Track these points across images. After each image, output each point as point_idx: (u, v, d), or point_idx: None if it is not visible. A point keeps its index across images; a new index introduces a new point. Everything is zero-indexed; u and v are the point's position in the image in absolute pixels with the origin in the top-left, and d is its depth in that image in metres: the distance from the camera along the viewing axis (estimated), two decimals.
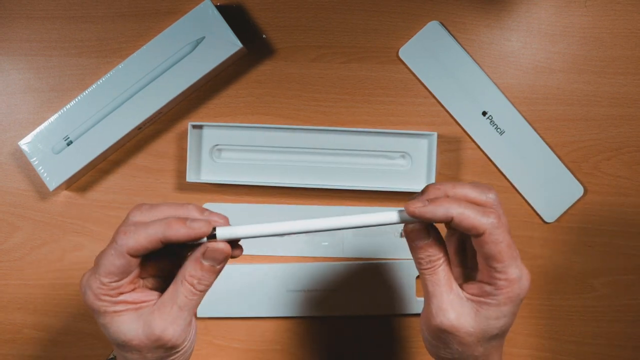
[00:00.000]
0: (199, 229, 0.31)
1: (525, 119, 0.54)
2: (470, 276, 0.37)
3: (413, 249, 0.34)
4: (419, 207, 0.32)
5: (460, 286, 0.34)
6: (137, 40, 0.53)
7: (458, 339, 0.33)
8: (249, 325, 0.54)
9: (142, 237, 0.31)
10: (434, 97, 0.54)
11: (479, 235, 0.32)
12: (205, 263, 0.32)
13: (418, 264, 0.34)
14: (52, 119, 0.51)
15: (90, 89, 0.51)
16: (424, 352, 0.54)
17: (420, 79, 0.54)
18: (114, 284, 0.31)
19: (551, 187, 0.54)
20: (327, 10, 0.54)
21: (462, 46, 0.54)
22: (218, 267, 0.32)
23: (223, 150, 0.53)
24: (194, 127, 0.52)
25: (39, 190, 0.54)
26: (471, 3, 0.54)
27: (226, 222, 0.33)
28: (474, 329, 0.33)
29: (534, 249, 0.55)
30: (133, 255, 0.31)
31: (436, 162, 0.52)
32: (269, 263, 0.54)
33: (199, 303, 0.33)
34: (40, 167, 0.51)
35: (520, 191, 0.54)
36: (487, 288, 0.33)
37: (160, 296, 0.33)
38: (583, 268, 0.55)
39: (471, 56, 0.54)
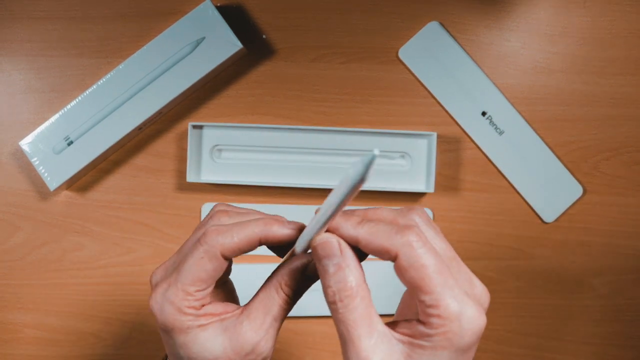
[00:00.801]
0: (295, 226, 0.28)
1: (525, 119, 0.54)
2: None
3: (321, 272, 0.27)
4: (287, 226, 0.28)
5: (395, 324, 0.27)
6: (137, 41, 0.53)
7: None
8: None
9: (241, 236, 0.27)
10: (433, 97, 0.54)
11: (392, 259, 0.25)
12: (307, 274, 0.29)
13: (325, 294, 0.27)
14: (52, 119, 0.51)
15: (90, 89, 0.51)
16: None
17: (420, 79, 0.54)
18: (200, 293, 0.27)
19: (550, 187, 0.54)
20: (327, 11, 0.54)
21: (461, 46, 0.54)
22: (316, 280, 0.29)
23: (223, 150, 0.54)
24: (194, 127, 0.52)
25: (40, 190, 0.54)
26: (471, 3, 0.54)
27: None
28: None
29: (533, 249, 0.55)
30: (227, 258, 0.28)
31: (436, 162, 0.52)
32: (269, 263, 0.54)
33: (288, 312, 0.30)
34: (41, 167, 0.51)
35: (520, 191, 0.54)
36: (420, 327, 0.25)
37: (237, 307, 0.29)
38: (582, 268, 0.55)
39: (471, 56, 0.54)
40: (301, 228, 0.28)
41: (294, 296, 0.29)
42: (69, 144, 0.51)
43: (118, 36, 0.54)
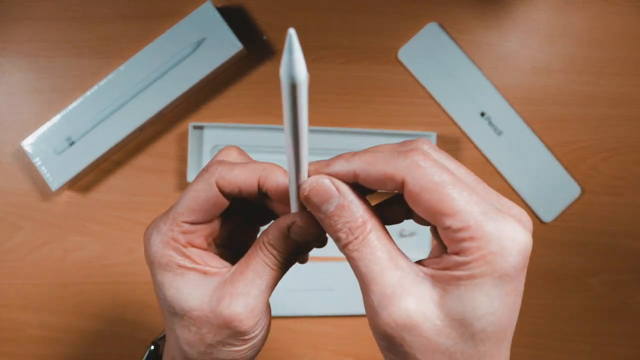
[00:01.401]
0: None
1: (523, 119, 0.54)
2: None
3: (324, 221, 0.23)
4: (313, 169, 0.24)
5: (420, 262, 0.23)
6: (138, 42, 0.53)
7: (420, 343, 0.21)
8: None
9: (240, 172, 0.25)
10: (432, 97, 0.55)
11: (399, 187, 0.22)
12: (290, 235, 0.25)
13: (337, 240, 0.23)
14: (54, 119, 0.51)
15: (92, 90, 0.51)
16: None
17: (419, 79, 0.54)
18: (188, 226, 0.25)
19: (549, 187, 0.54)
20: (326, 12, 0.54)
21: (460, 47, 0.54)
22: (307, 246, 0.26)
23: None
24: (195, 127, 0.52)
25: (42, 190, 0.54)
26: (470, 4, 0.54)
27: None
28: (442, 323, 0.21)
29: (532, 248, 0.55)
30: (223, 192, 0.25)
31: None
32: None
33: (276, 284, 0.26)
34: (43, 168, 0.51)
35: (518, 191, 0.55)
36: (453, 257, 0.21)
37: (229, 267, 0.26)
38: (580, 267, 0.55)
39: (470, 57, 0.54)
40: None
41: (282, 260, 0.25)
42: (70, 145, 0.51)
43: (119, 37, 0.54)
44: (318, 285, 0.54)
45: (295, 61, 0.17)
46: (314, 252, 0.56)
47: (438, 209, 0.21)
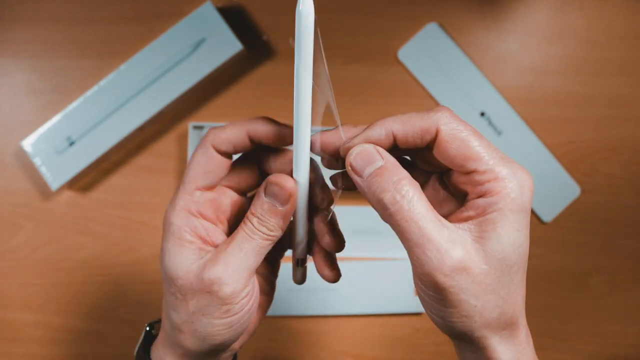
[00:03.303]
0: (287, 133, 0.27)
1: (523, 119, 0.54)
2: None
3: (368, 187, 0.25)
4: (349, 140, 0.26)
5: (449, 217, 0.25)
6: (138, 42, 0.54)
7: (474, 287, 0.23)
8: None
9: (230, 131, 0.27)
10: (432, 97, 0.55)
11: (432, 137, 0.25)
12: (265, 199, 0.27)
13: (381, 206, 0.24)
14: (54, 119, 0.51)
15: (92, 90, 0.52)
16: (424, 351, 0.55)
17: (419, 80, 0.55)
18: (197, 194, 0.27)
19: (548, 187, 0.54)
20: (327, 12, 0.55)
21: (460, 48, 0.54)
22: (281, 208, 0.27)
23: None
24: (195, 127, 0.53)
25: (42, 190, 0.54)
26: (469, 5, 0.55)
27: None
28: (488, 265, 0.23)
29: (532, 248, 0.55)
30: (220, 151, 0.28)
31: None
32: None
33: (263, 253, 0.27)
34: (43, 168, 0.51)
35: None
36: (481, 202, 0.24)
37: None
38: (580, 267, 0.55)
39: (469, 58, 0.54)
40: (289, 126, 0.28)
41: (259, 224, 0.27)
42: (70, 144, 0.51)
43: (119, 38, 0.54)
44: (318, 285, 0.54)
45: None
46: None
47: (466, 154, 0.24)
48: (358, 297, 0.54)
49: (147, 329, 0.32)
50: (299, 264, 0.31)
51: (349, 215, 0.54)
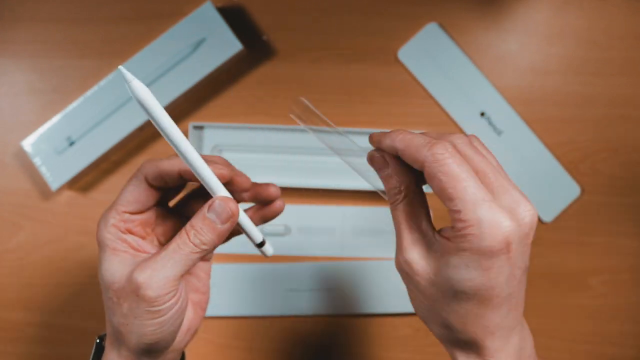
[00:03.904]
0: (218, 169, 0.30)
1: (523, 119, 0.54)
2: None
3: (381, 180, 0.31)
4: (376, 134, 0.31)
5: (442, 229, 0.29)
6: (138, 42, 0.54)
7: (421, 286, 0.28)
8: (249, 324, 0.55)
9: (162, 164, 0.30)
10: (432, 98, 0.55)
11: (421, 169, 0.28)
12: (208, 215, 0.29)
13: (388, 197, 0.30)
14: (54, 119, 0.51)
15: (92, 90, 0.52)
16: (424, 351, 0.55)
17: (419, 80, 0.55)
18: (126, 216, 0.31)
19: (548, 187, 0.54)
20: (327, 12, 0.55)
21: (460, 48, 0.54)
22: (220, 226, 0.29)
23: (224, 150, 0.54)
24: (195, 127, 0.53)
25: (42, 190, 0.55)
26: (469, 5, 0.55)
27: (246, 181, 0.32)
28: (435, 276, 0.28)
29: (532, 248, 0.55)
30: (151, 184, 0.31)
31: None
32: (269, 263, 0.54)
33: (190, 265, 0.30)
34: (43, 168, 0.51)
35: None
36: (451, 231, 0.27)
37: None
38: (580, 267, 0.55)
39: (469, 58, 0.54)
40: (239, 176, 0.33)
41: (194, 237, 0.29)
42: (70, 145, 0.51)
43: (119, 38, 0.54)
44: (318, 285, 0.54)
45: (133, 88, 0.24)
46: (315, 252, 0.56)
47: (442, 192, 0.27)
48: (358, 297, 0.54)
49: (98, 341, 0.34)
50: (261, 246, 0.34)
51: (350, 215, 0.54)
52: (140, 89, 0.27)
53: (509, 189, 0.28)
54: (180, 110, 0.55)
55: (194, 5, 0.52)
